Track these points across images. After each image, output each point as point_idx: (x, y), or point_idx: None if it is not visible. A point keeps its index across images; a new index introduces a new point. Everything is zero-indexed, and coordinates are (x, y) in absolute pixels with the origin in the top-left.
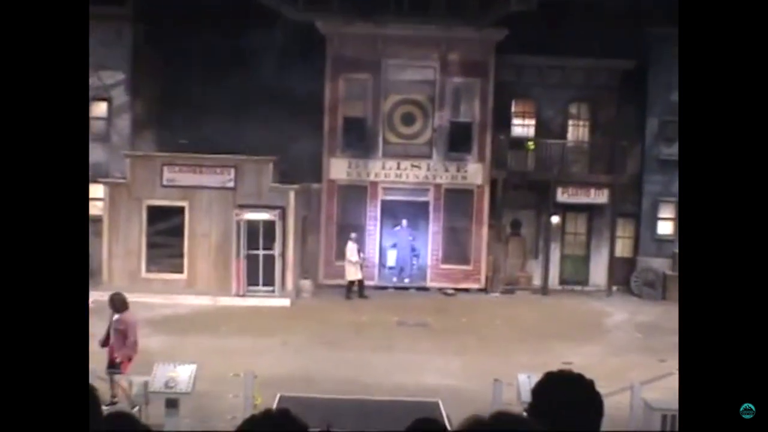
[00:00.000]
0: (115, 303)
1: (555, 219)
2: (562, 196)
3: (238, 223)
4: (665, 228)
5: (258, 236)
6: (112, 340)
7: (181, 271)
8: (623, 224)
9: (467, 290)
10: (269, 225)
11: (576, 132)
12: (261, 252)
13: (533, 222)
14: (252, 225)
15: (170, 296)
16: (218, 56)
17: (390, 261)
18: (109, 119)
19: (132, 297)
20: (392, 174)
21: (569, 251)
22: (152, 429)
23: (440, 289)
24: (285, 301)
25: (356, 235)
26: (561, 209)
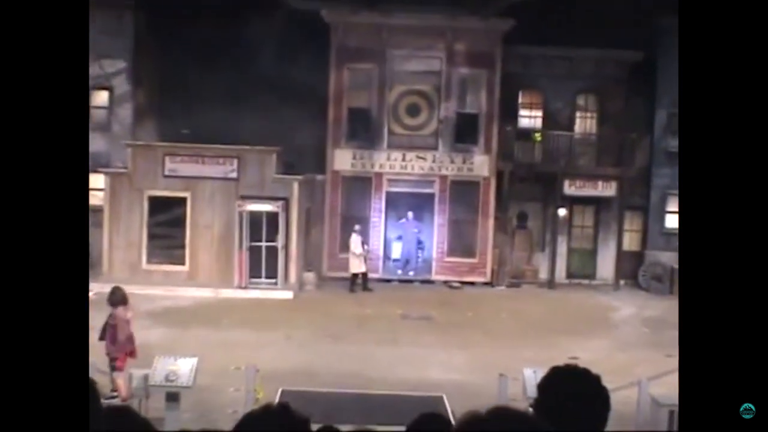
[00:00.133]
0: (110, 297)
1: (562, 212)
2: (570, 189)
3: (241, 215)
4: (674, 221)
5: (261, 228)
6: (107, 336)
7: (183, 263)
8: (631, 217)
9: (473, 283)
10: (272, 216)
11: (584, 124)
12: (264, 244)
13: (540, 215)
14: (255, 216)
15: (171, 288)
16: (221, 45)
17: (395, 253)
18: (111, 108)
19: (132, 289)
20: (397, 165)
21: (576, 244)
22: (152, 423)
23: (445, 282)
24: (288, 294)
25: (360, 227)
26: (568, 202)
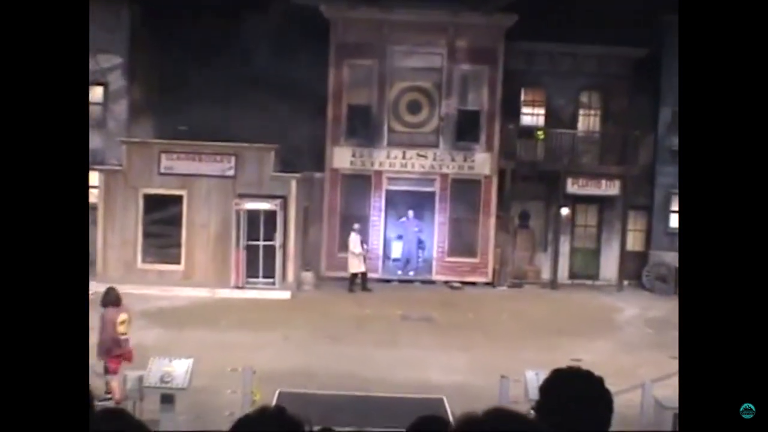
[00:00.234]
0: (102, 297)
1: (565, 211)
2: (572, 188)
3: (238, 213)
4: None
5: (258, 226)
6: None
7: (179, 262)
8: (635, 217)
9: (474, 284)
10: (270, 215)
11: (587, 121)
12: (261, 243)
13: (542, 214)
14: (252, 215)
15: (167, 288)
16: (219, 41)
17: (395, 253)
18: (106, 104)
19: (127, 288)
20: (397, 163)
21: (579, 244)
22: (147, 425)
23: (446, 283)
24: (285, 294)
25: (360, 226)
26: (571, 201)
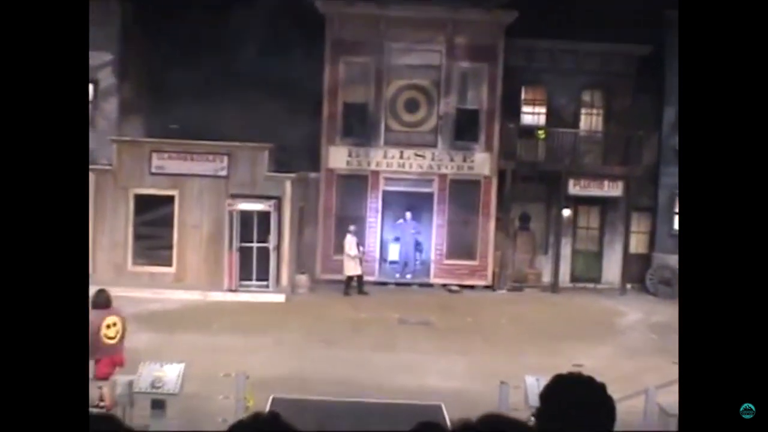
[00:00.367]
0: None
1: (566, 212)
2: (574, 189)
3: (231, 214)
4: None
5: (252, 228)
6: None
7: (170, 264)
8: (638, 218)
9: (473, 287)
10: (264, 216)
11: (589, 121)
12: (255, 245)
13: (543, 215)
14: (245, 216)
15: (158, 291)
16: (212, 38)
17: (392, 255)
18: (95, 102)
19: (118, 291)
20: (395, 163)
21: (581, 247)
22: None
23: (444, 286)
24: (280, 297)
25: (356, 228)
26: (572, 202)
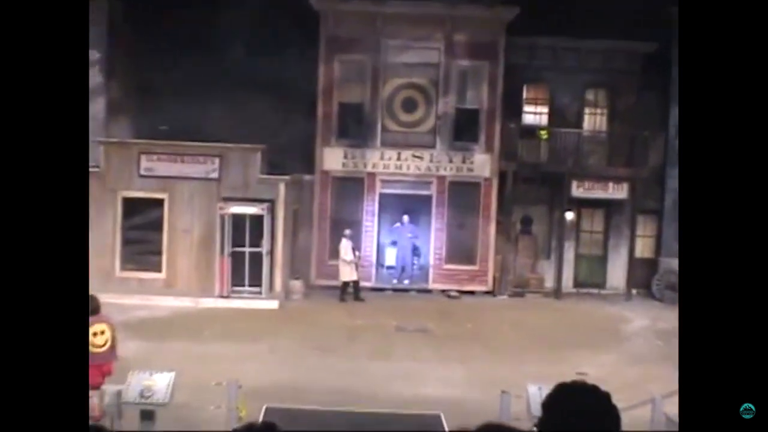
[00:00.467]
0: None
1: (569, 215)
2: (578, 191)
3: (223, 218)
4: None
5: (244, 232)
6: None
7: (160, 270)
8: (644, 222)
9: (472, 293)
10: (256, 220)
11: (593, 121)
12: (247, 249)
13: (545, 219)
14: (238, 220)
15: (147, 297)
16: (203, 36)
17: (389, 260)
18: None
19: (106, 298)
20: (392, 165)
21: (585, 251)
22: None
23: (443, 292)
24: (273, 303)
25: (351, 232)
26: (576, 205)
